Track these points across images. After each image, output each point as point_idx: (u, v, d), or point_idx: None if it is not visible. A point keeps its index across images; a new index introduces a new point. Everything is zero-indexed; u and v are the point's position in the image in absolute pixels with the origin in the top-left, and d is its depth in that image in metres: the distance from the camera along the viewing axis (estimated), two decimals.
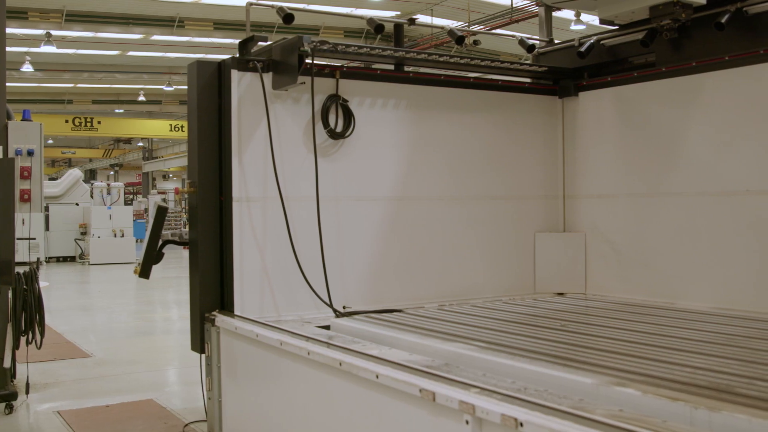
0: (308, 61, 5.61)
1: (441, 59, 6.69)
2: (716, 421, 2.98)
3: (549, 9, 7.62)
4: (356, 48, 6.17)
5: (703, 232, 6.05)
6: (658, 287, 6.31)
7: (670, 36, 6.00)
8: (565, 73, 7.11)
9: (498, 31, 19.93)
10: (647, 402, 3.24)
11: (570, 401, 3.13)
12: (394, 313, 5.81)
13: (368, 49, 6.26)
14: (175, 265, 22.06)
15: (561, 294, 6.90)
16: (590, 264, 6.94)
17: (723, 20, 5.63)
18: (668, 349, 4.27)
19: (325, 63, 6.11)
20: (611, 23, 6.60)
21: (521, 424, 2.90)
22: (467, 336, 4.77)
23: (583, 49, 6.71)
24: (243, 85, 5.74)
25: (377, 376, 3.74)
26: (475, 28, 22.43)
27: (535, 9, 18.06)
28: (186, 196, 5.97)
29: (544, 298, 6.71)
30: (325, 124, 6.00)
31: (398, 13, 23.30)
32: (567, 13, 18.56)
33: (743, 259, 5.78)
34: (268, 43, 5.94)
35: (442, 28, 8.79)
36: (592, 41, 6.77)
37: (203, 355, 5.78)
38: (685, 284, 6.14)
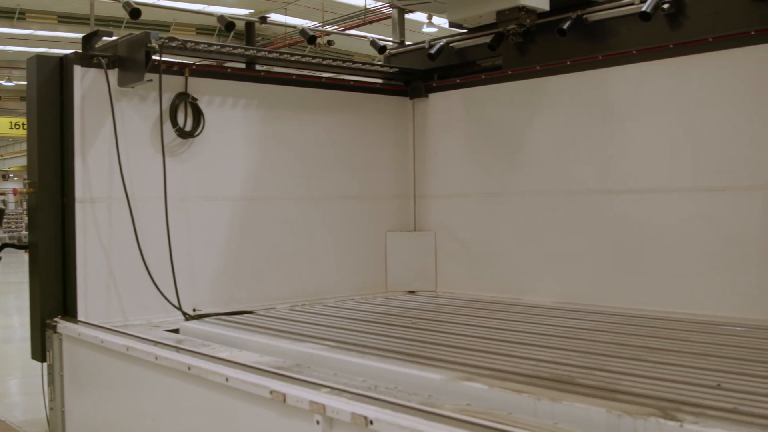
0: (156, 57, 5.47)
1: (293, 59, 6.65)
2: (558, 411, 3.09)
3: (401, 11, 7.72)
4: (206, 45, 6.05)
5: (546, 230, 6.29)
6: (505, 284, 6.51)
7: (515, 40, 6.20)
8: (416, 75, 7.22)
9: (352, 31, 20.05)
10: (494, 395, 3.32)
11: (419, 398, 3.17)
12: (246, 315, 5.74)
13: (218, 47, 6.16)
14: (16, 269, 21.00)
15: (412, 292, 7.00)
16: (440, 262, 7.08)
17: (565, 26, 5.88)
18: (514, 344, 4.40)
19: (174, 60, 5.96)
20: (460, 27, 6.75)
21: (371, 422, 2.91)
22: (319, 336, 4.76)
23: (433, 51, 6.84)
24: (87, 82, 5.52)
25: (227, 379, 3.67)
26: (329, 28, 22.48)
27: (389, 11, 18.27)
28: (26, 196, 5.71)
29: (395, 296, 6.80)
30: (174, 122, 5.85)
31: (252, 11, 23.05)
32: (420, 16, 18.85)
33: (584, 255, 6.04)
34: (114, 38, 5.74)
35: (295, 27, 8.73)
36: (441, 44, 6.91)
37: (45, 364, 5.52)
38: (531, 280, 6.37)
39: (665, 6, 5.41)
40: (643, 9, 5.40)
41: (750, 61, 5.16)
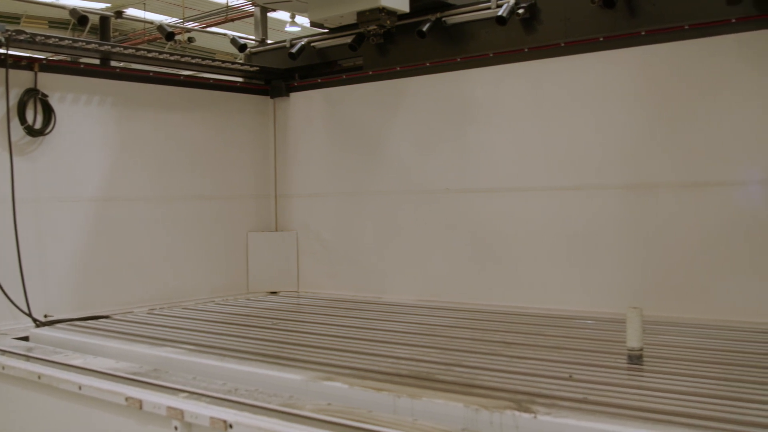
0: (2, 51, 5.22)
1: (150, 55, 6.46)
2: (417, 407, 3.14)
3: (264, 9, 7.66)
4: (57, 40, 5.80)
5: (406, 228, 6.38)
6: (367, 283, 6.57)
7: (376, 41, 6.26)
8: (277, 74, 7.18)
9: (213, 29, 19.70)
10: (354, 394, 3.34)
11: (280, 399, 3.16)
12: (101, 320, 5.55)
13: (71, 42, 5.92)
14: None
15: (274, 293, 6.96)
16: (302, 262, 7.07)
17: (424, 29, 5.98)
18: (374, 342, 4.44)
19: (24, 54, 5.68)
20: (322, 26, 6.75)
21: (230, 426, 2.88)
22: (178, 339, 4.65)
23: (294, 50, 6.81)
24: None
25: (80, 388, 3.54)
26: (190, 25, 22.03)
27: (251, 9, 18.07)
28: None
29: (257, 297, 6.73)
30: (22, 120, 5.57)
31: (109, 5, 22.31)
32: (283, 15, 18.74)
33: (443, 253, 6.16)
34: None
35: (152, 23, 8.51)
36: (303, 43, 6.89)
37: None
38: (391, 279, 6.44)
39: (520, 11, 5.59)
40: (499, 13, 5.57)
41: (599, 65, 5.40)
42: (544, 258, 5.65)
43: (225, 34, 8.03)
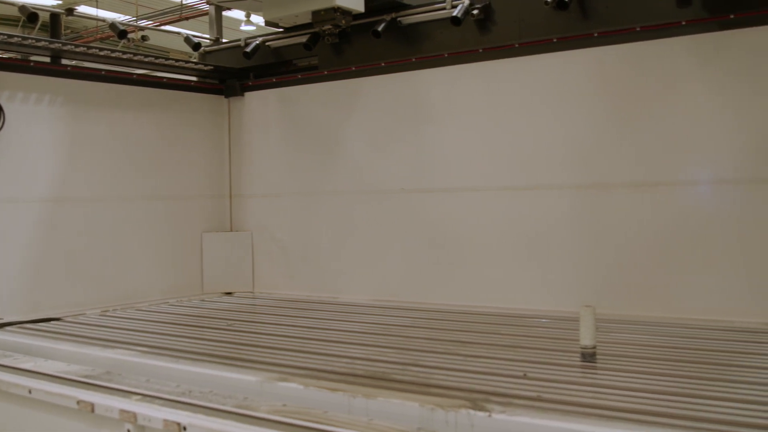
0: None
1: (102, 53, 6.37)
2: (373, 407, 3.14)
3: (218, 8, 7.60)
4: (6, 37, 5.69)
5: (362, 228, 6.38)
6: (323, 283, 6.55)
7: (331, 41, 6.24)
8: (231, 73, 7.13)
9: (167, 27, 19.49)
10: (309, 395, 3.33)
11: (234, 400, 3.14)
12: (52, 322, 5.46)
13: (20, 39, 5.81)
14: None
15: (229, 293, 6.91)
16: (257, 262, 7.03)
17: (380, 29, 5.98)
18: (330, 342, 4.44)
19: None
20: (277, 26, 6.72)
21: (184, 428, 2.85)
22: (131, 341, 4.60)
23: (248, 49, 6.77)
24: None
25: (30, 391, 3.48)
26: (143, 23, 21.79)
27: (206, 7, 17.91)
28: None
29: (211, 298, 6.68)
30: None
31: (60, 2, 21.98)
32: (238, 14, 18.60)
33: (399, 253, 6.17)
34: None
35: (105, 20, 8.41)
36: (257, 42, 6.86)
37: None
38: (347, 279, 6.43)
39: (475, 12, 5.62)
40: (454, 14, 5.59)
41: (553, 66, 5.45)
42: (499, 257, 5.69)
43: (179, 33, 7.93)
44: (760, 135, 4.73)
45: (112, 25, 6.82)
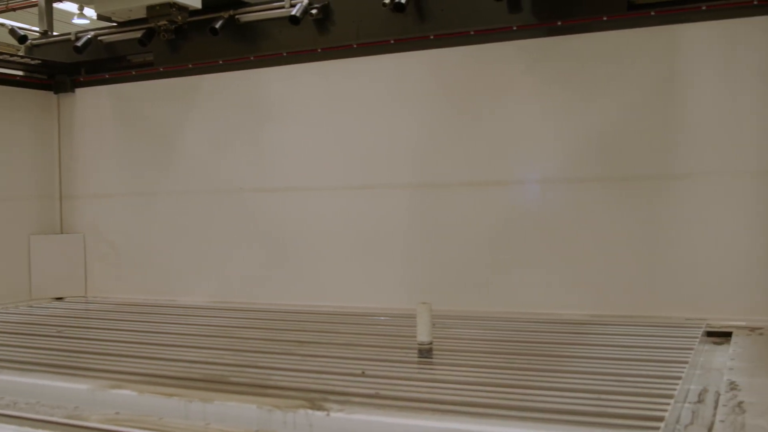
0: None
1: None
2: (210, 411, 3.08)
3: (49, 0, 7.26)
4: None
5: (200, 229, 6.28)
6: (159, 286, 6.40)
7: (167, 37, 6.09)
8: (61, 68, 6.84)
9: None
10: (144, 401, 3.23)
11: (64, 411, 3.04)
12: None
13: None
14: None
15: (60, 299, 6.63)
16: (90, 266, 6.78)
17: (217, 26, 5.89)
18: (165, 346, 4.34)
19: None
20: (110, 20, 6.49)
21: None
22: None
23: (79, 43, 6.50)
24: None
25: None
26: None
27: None
28: None
29: (40, 304, 6.38)
30: None
31: None
32: (71, 6, 17.84)
33: (237, 254, 6.12)
34: None
35: None
36: (89, 36, 6.59)
37: None
38: (185, 281, 6.32)
39: (313, 11, 5.64)
40: (293, 13, 5.58)
41: (391, 67, 5.55)
42: (338, 256, 5.73)
43: (3, 24, 7.53)
44: (581, 137, 5.00)
45: None
